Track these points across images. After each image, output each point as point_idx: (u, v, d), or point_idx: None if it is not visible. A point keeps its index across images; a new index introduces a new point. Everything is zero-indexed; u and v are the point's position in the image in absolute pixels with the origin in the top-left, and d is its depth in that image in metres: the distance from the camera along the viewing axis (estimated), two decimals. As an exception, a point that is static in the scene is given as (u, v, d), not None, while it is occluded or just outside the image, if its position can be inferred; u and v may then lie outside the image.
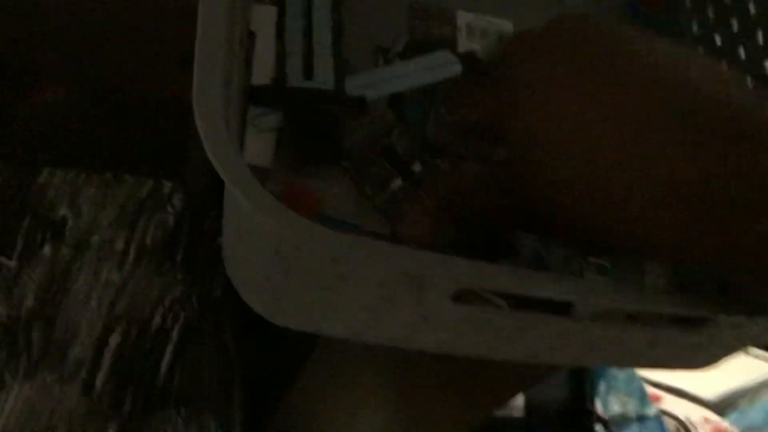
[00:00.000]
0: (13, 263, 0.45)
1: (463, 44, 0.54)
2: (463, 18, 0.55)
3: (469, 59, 0.53)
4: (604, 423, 1.06)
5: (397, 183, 0.47)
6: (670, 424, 1.10)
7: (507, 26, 0.55)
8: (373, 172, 0.47)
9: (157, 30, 0.54)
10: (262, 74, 0.51)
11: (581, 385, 1.08)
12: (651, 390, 1.12)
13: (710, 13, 0.56)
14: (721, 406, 1.13)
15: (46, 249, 0.46)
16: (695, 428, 1.09)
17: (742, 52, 0.52)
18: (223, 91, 0.30)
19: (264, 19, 0.52)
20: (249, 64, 0.48)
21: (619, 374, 1.09)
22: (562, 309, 0.36)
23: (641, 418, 1.07)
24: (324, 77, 0.50)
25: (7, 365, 0.43)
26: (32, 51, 0.51)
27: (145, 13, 0.54)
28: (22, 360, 0.43)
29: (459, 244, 0.40)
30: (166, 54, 0.54)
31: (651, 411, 1.09)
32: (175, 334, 0.46)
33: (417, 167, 0.49)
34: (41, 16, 0.52)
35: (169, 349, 0.45)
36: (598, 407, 1.07)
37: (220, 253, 0.47)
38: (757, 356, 1.07)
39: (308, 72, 0.50)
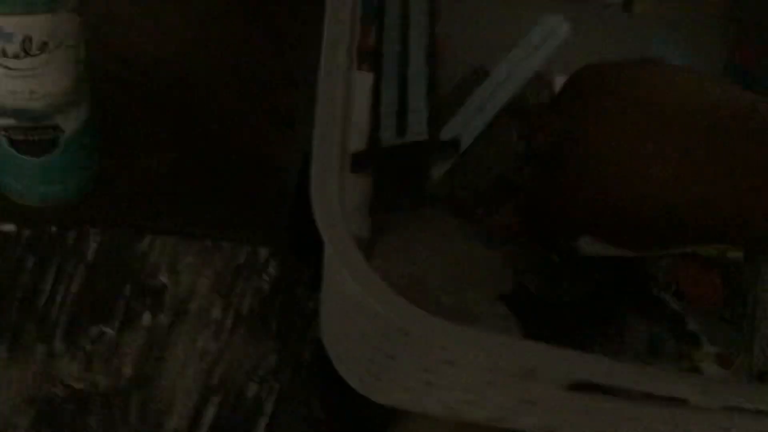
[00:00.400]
0: (113, 331, 0.45)
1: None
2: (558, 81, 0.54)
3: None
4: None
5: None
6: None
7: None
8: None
9: (261, 96, 0.55)
10: (358, 140, 0.51)
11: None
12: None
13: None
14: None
15: (146, 317, 0.46)
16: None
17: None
18: (339, 176, 0.30)
19: (361, 85, 0.52)
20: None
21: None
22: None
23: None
24: (418, 129, 0.50)
25: (106, 435, 0.43)
26: (139, 119, 0.52)
27: (249, 80, 0.55)
28: (120, 430, 0.43)
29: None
30: (269, 118, 0.54)
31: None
32: (268, 406, 0.46)
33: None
34: (149, 84, 0.53)
35: (263, 421, 0.45)
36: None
37: (312, 320, 0.47)
38: None
39: (401, 128, 0.50)
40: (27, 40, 0.37)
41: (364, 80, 0.52)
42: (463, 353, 0.32)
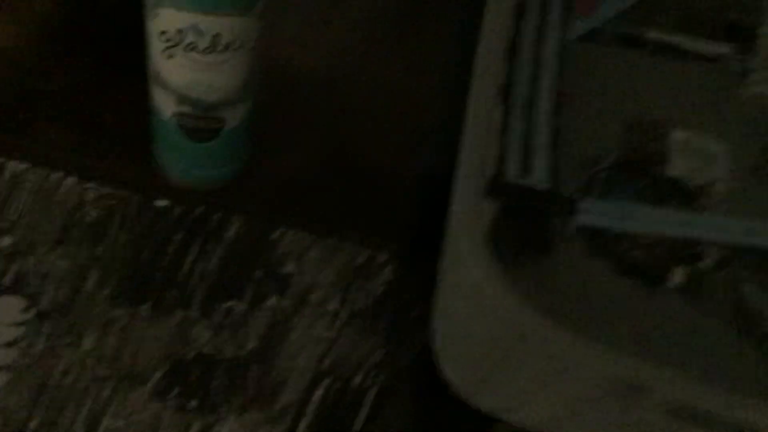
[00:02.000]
0: (242, 307, 0.50)
1: (675, 164, 0.55)
2: (676, 137, 0.56)
3: (674, 186, 0.54)
4: None
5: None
6: None
7: (720, 148, 0.56)
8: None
9: (393, 109, 0.59)
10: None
11: None
12: None
13: None
14: None
15: (272, 300, 0.51)
16: None
17: None
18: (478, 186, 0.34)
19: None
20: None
21: None
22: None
23: None
24: (540, 176, 0.53)
25: (224, 399, 0.47)
26: (282, 118, 0.57)
27: (383, 92, 0.60)
28: (237, 397, 0.48)
29: None
30: (399, 131, 0.59)
31: None
32: (370, 397, 0.49)
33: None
34: (298, 91, 0.58)
35: (364, 410, 0.49)
36: None
37: (415, 328, 0.50)
38: None
39: (525, 170, 0.53)
40: (216, 38, 0.43)
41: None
42: (574, 364, 0.35)
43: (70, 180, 0.52)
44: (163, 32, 0.42)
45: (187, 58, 0.43)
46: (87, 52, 0.58)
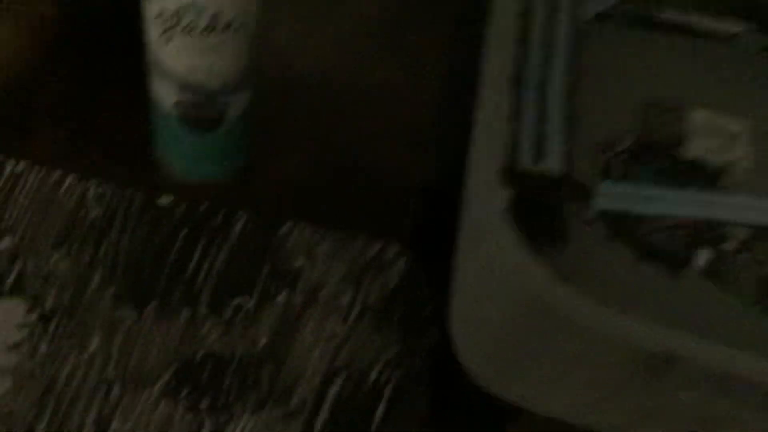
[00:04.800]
0: (251, 304, 0.49)
1: (695, 144, 0.54)
2: (696, 116, 0.55)
3: (694, 166, 0.53)
4: None
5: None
6: None
7: (741, 126, 0.55)
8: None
9: (392, 112, 0.58)
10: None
11: None
12: None
13: None
14: None
15: (282, 296, 0.49)
16: None
17: None
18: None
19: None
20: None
21: None
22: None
23: None
24: (554, 162, 0.51)
25: (237, 398, 0.46)
26: (283, 121, 0.56)
27: (385, 90, 0.59)
28: (251, 395, 0.46)
29: None
30: (400, 133, 0.58)
31: None
32: (387, 392, 0.48)
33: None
34: (301, 89, 0.57)
35: (382, 405, 0.47)
36: None
37: (429, 323, 0.49)
38: None
39: (539, 155, 0.52)
40: (216, 17, 0.41)
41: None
42: (600, 340, 0.33)
43: (71, 179, 0.51)
44: (159, 14, 0.41)
45: (185, 40, 0.42)
46: (86, 55, 0.57)
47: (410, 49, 0.61)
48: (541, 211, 0.49)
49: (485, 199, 0.37)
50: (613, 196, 0.51)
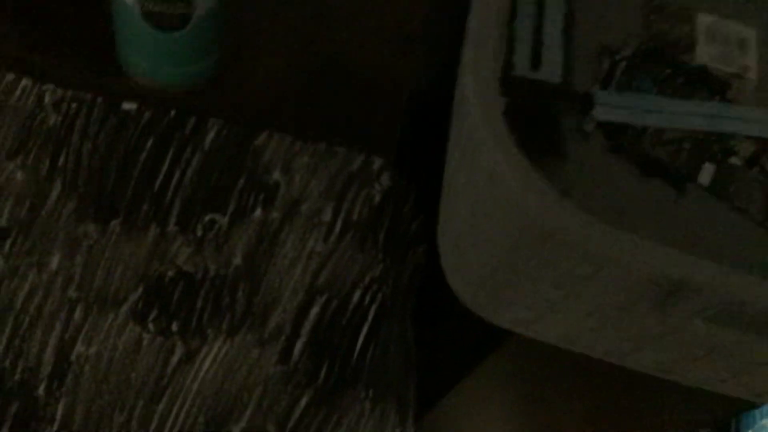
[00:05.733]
0: (224, 221, 0.45)
1: (701, 51, 0.50)
2: (703, 21, 0.51)
3: (701, 75, 0.50)
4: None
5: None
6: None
7: (750, 34, 0.51)
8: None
9: (380, 12, 0.54)
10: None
11: None
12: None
13: None
14: None
15: (258, 212, 0.46)
16: None
17: None
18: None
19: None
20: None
21: None
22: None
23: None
24: (551, 69, 0.48)
25: (210, 321, 0.43)
26: (259, 20, 0.51)
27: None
28: (225, 318, 0.43)
29: None
30: (387, 35, 0.53)
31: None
32: (371, 314, 0.45)
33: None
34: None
35: (365, 327, 0.45)
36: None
37: (414, 242, 0.46)
38: None
39: (536, 62, 0.48)
40: None
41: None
42: (606, 263, 0.30)
43: (26, 81, 0.46)
44: None
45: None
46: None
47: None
48: (538, 121, 0.46)
49: (480, 108, 0.33)
50: (614, 106, 0.48)
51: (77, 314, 0.42)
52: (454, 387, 0.62)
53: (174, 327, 0.42)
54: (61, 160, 0.45)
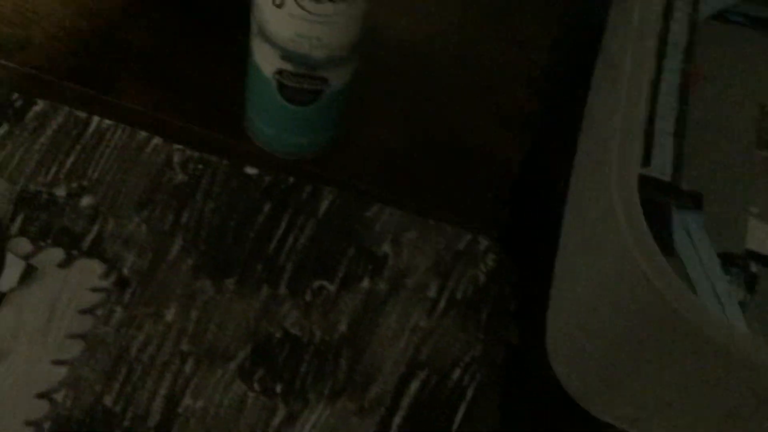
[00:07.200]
0: (333, 287, 0.46)
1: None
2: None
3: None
4: None
5: None
6: None
7: None
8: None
9: (494, 94, 0.55)
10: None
11: None
12: None
13: None
14: None
15: (365, 281, 0.47)
16: None
17: None
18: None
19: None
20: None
21: None
22: None
23: None
24: (662, 166, 0.48)
25: (313, 385, 0.43)
26: (372, 90, 0.53)
27: (473, 72, 0.56)
28: (327, 383, 0.44)
29: None
30: (489, 112, 0.55)
31: None
32: (469, 393, 0.45)
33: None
34: (383, 60, 0.54)
35: (462, 406, 0.45)
36: None
37: (511, 321, 0.46)
38: None
39: (647, 158, 0.48)
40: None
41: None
42: (742, 368, 0.30)
43: (157, 140, 0.49)
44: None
45: (298, 7, 0.39)
46: (176, 5, 0.55)
47: (515, 24, 0.58)
48: (652, 217, 0.46)
49: (610, 202, 0.33)
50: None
51: (188, 367, 0.43)
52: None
53: (278, 388, 0.43)
54: (184, 217, 0.47)
